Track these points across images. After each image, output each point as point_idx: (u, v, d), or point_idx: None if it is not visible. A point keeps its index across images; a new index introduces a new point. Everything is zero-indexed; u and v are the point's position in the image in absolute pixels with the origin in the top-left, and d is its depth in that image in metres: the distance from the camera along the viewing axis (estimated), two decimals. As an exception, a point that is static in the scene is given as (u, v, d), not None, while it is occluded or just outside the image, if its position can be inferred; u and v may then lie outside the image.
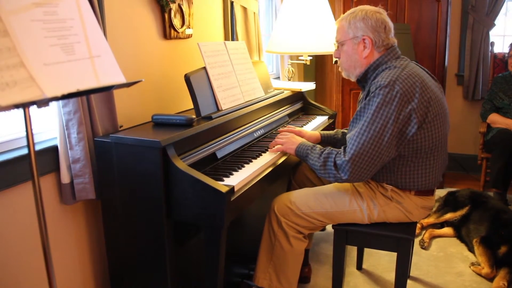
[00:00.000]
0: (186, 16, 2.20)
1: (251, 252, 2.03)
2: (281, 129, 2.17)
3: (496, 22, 3.75)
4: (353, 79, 1.85)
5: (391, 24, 1.75)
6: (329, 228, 2.78)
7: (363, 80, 1.79)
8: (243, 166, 1.71)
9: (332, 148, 1.71)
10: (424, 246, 2.65)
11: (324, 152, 1.69)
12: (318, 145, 1.78)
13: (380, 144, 1.59)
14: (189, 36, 2.27)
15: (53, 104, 1.54)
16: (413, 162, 1.69)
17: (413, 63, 1.75)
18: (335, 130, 2.17)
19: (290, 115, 2.58)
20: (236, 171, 1.65)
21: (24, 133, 0.99)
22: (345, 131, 2.11)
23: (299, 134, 2.06)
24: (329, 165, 1.65)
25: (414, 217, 1.79)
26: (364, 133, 1.59)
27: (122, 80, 1.12)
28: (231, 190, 1.46)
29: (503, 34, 3.99)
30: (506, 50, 3.56)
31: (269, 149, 1.91)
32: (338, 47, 1.82)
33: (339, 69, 1.88)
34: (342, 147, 1.67)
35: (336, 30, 1.82)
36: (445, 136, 1.74)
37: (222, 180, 1.55)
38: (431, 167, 1.71)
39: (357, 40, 1.73)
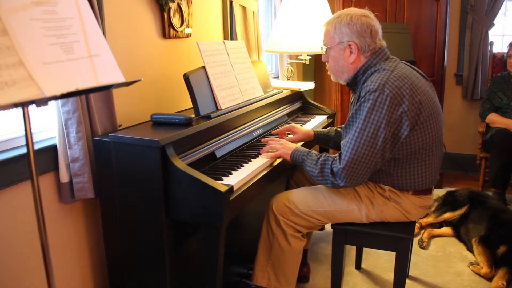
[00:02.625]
0: (185, 16, 2.20)
1: (250, 252, 2.03)
2: (275, 130, 2.16)
3: (495, 21, 3.75)
4: (342, 83, 1.85)
5: (378, 27, 1.72)
6: (328, 227, 2.78)
7: (353, 83, 1.79)
8: (242, 166, 1.71)
9: (328, 154, 1.70)
10: (423, 246, 2.66)
11: (320, 159, 1.68)
12: (314, 151, 1.77)
13: (373, 149, 1.59)
14: (188, 35, 2.27)
15: (52, 103, 1.54)
16: (408, 164, 1.69)
17: (402, 63, 1.74)
18: (328, 128, 2.16)
19: (289, 115, 2.58)
20: (235, 170, 1.65)
21: (23, 132, 0.99)
22: (339, 129, 2.11)
23: (292, 130, 2.08)
24: (327, 172, 1.65)
25: (412, 217, 1.79)
26: (357, 139, 1.59)
27: (121, 79, 1.12)
28: (230, 189, 1.46)
29: (502, 33, 3.99)
30: (505, 49, 3.55)
31: (262, 154, 1.85)
32: (326, 51, 1.81)
33: (328, 72, 1.87)
34: (338, 154, 1.66)
35: (323, 34, 1.81)
36: (440, 135, 1.73)
37: (221, 180, 1.55)
38: (427, 167, 1.71)
39: (343, 45, 1.72)
